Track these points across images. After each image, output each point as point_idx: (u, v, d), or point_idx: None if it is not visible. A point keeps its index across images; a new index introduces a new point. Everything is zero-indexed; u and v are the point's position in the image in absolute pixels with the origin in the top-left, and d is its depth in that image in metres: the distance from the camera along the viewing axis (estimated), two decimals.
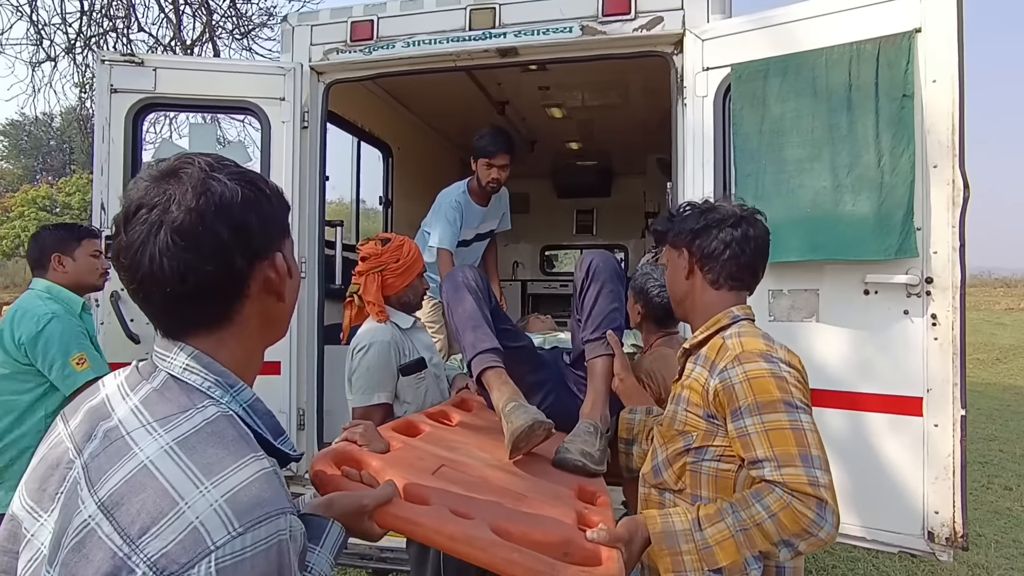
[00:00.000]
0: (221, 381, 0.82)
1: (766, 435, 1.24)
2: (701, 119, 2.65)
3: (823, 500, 1.17)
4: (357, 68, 3.14)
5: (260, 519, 0.69)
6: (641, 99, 4.57)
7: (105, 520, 0.68)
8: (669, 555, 1.23)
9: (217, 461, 0.71)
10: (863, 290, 2.27)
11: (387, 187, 4.77)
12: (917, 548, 2.20)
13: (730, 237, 1.48)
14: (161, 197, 0.78)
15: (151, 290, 0.79)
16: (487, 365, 1.99)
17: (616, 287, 2.16)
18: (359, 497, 1.07)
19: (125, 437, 0.74)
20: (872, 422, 2.27)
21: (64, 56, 5.66)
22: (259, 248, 0.84)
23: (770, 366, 1.31)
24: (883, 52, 2.24)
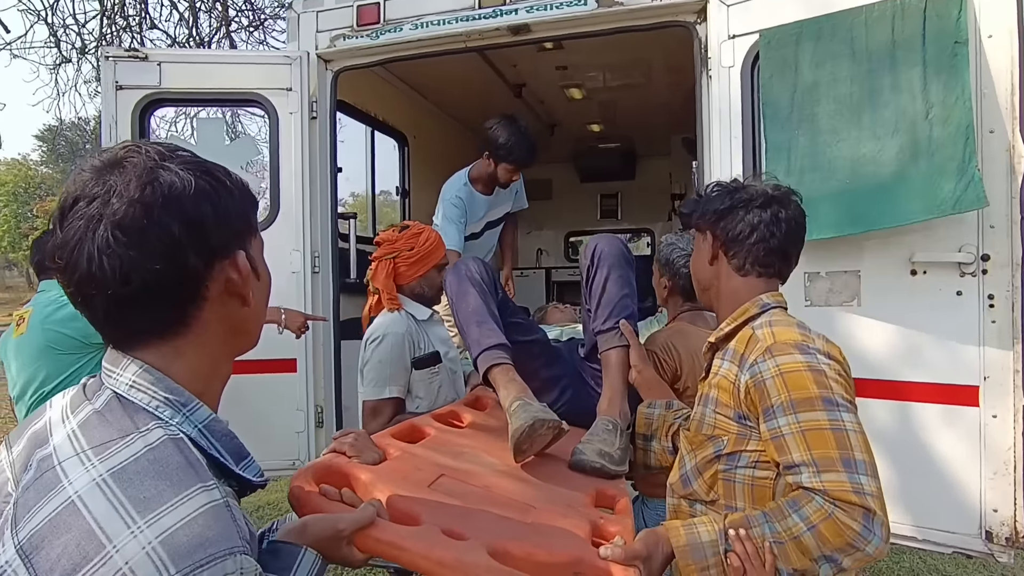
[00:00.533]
0: (172, 399, 0.72)
1: (802, 436, 1.10)
2: (727, 91, 2.47)
3: (870, 510, 1.03)
4: (365, 54, 3.04)
5: (202, 562, 0.59)
6: (664, 77, 4.37)
7: (23, 567, 0.59)
8: (696, 570, 1.10)
9: (156, 495, 0.62)
10: (910, 270, 2.08)
11: (404, 177, 4.67)
12: (973, 549, 2.03)
13: (758, 219, 1.34)
14: (101, 189, 0.68)
15: (91, 294, 0.69)
16: (493, 362, 1.85)
17: (625, 272, 2.01)
18: (335, 521, 0.97)
19: (56, 468, 0.65)
20: (921, 413, 2.09)
21: (79, 57, 5.70)
22: (217, 246, 0.74)
23: (806, 358, 1.17)
24: (931, 5, 2.04)
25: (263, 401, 2.86)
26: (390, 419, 2.05)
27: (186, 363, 0.74)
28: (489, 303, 2.00)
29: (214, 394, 0.80)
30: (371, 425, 2.07)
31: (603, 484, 1.54)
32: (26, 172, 36.35)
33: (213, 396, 0.79)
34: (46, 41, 5.45)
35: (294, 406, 2.91)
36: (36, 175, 37.39)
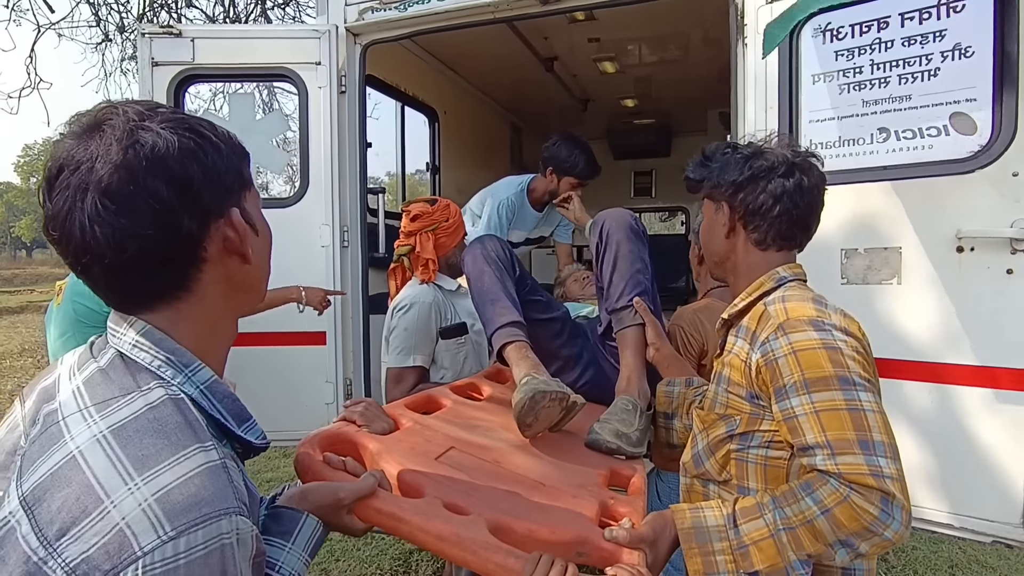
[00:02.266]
0: (173, 360, 0.72)
1: (817, 417, 1.04)
2: (764, 60, 2.37)
3: (888, 493, 0.97)
4: (393, 27, 3.01)
5: (196, 521, 0.60)
6: (701, 50, 4.23)
7: (25, 518, 0.60)
8: (700, 555, 1.06)
9: (154, 453, 0.62)
10: (956, 247, 1.98)
11: (434, 153, 4.65)
12: (1015, 538, 1.94)
13: (781, 189, 1.26)
14: (84, 155, 0.67)
15: (88, 263, 0.69)
16: (507, 340, 1.81)
17: (635, 246, 1.95)
18: (335, 489, 0.97)
19: (60, 423, 0.66)
20: (963, 396, 2.00)
21: (122, 36, 5.82)
22: (210, 205, 0.72)
23: (821, 335, 1.10)
24: None
25: (293, 373, 2.92)
26: (412, 387, 2.07)
27: (189, 324, 0.74)
28: (505, 281, 1.96)
29: (219, 355, 0.79)
30: (393, 392, 2.10)
31: (618, 464, 1.51)
32: None
33: (218, 357, 0.79)
34: (88, 20, 5.60)
35: (323, 378, 2.96)
36: None
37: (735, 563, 1.04)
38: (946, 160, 1.99)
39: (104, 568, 0.57)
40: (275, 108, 6.86)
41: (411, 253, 2.29)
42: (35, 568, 0.57)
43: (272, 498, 0.96)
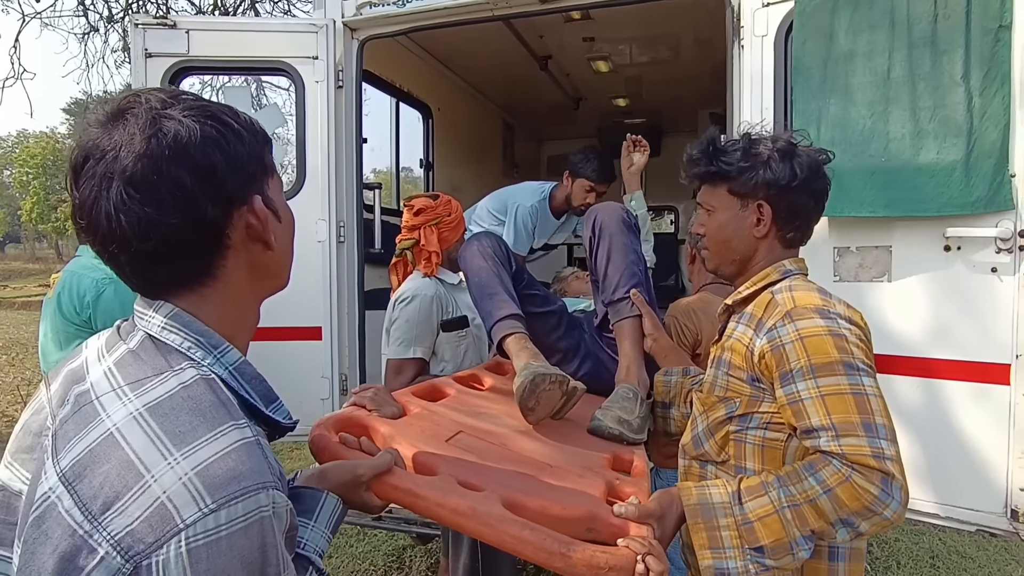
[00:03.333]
0: (203, 341, 0.73)
1: (822, 401, 1.08)
2: (760, 61, 2.42)
3: (889, 474, 1.01)
4: (391, 22, 3.01)
5: (236, 494, 0.61)
6: (692, 51, 4.28)
7: (66, 493, 0.61)
8: (705, 529, 1.10)
9: (190, 430, 0.64)
10: (943, 246, 2.04)
11: (428, 150, 4.66)
12: (998, 527, 2.01)
13: (821, 189, 1.29)
14: (108, 144, 0.67)
15: (115, 251, 0.69)
16: (506, 332, 1.84)
17: (628, 239, 2.00)
18: (354, 467, 0.99)
19: (94, 402, 0.67)
20: (950, 391, 2.07)
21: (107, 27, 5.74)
22: (233, 192, 0.73)
23: (827, 323, 1.13)
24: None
25: (289, 368, 2.92)
26: (412, 379, 2.09)
27: (214, 309, 0.75)
28: (503, 275, 2.00)
29: (242, 340, 0.80)
30: (393, 383, 2.12)
31: (620, 449, 1.54)
32: (54, 145, 36.94)
33: (241, 342, 0.80)
34: (75, 10, 5.50)
35: (319, 373, 2.96)
36: (64, 148, 37.99)
37: (740, 538, 1.07)
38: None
39: (148, 540, 0.58)
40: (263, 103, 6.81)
41: (414, 247, 2.30)
42: (81, 541, 0.58)
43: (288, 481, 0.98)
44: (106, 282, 2.33)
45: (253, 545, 0.62)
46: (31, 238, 42.68)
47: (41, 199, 33.50)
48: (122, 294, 2.34)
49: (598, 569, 0.96)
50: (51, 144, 36.87)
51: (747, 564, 1.06)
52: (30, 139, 38.01)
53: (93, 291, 2.31)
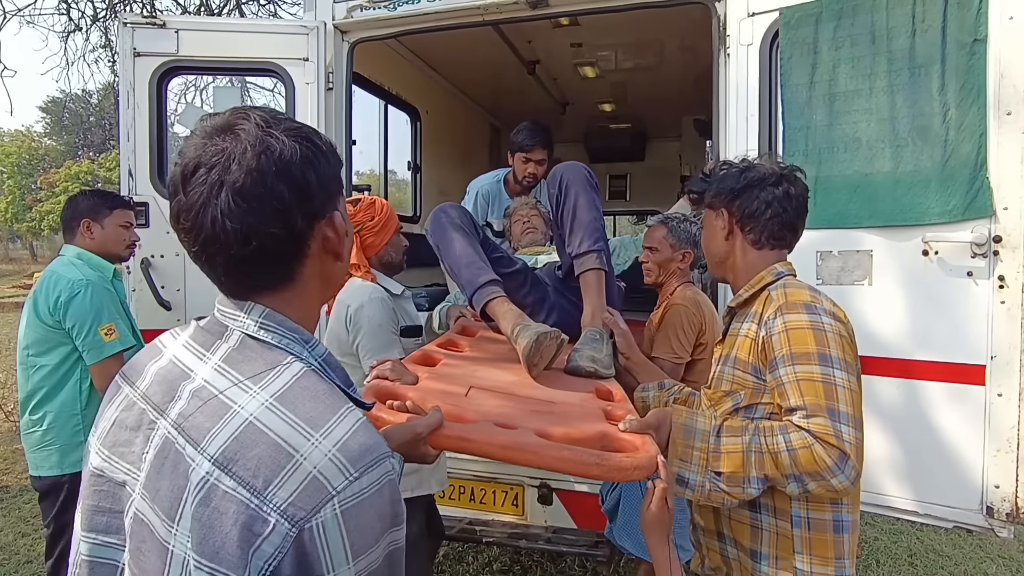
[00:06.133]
0: (297, 337, 0.81)
1: (798, 384, 1.26)
2: (745, 70, 2.48)
3: (845, 453, 1.18)
4: (382, 25, 3.03)
5: (371, 463, 0.72)
6: (677, 57, 4.35)
7: (225, 476, 0.69)
8: (683, 445, 1.31)
9: (318, 415, 0.73)
10: (922, 250, 2.11)
11: (416, 152, 4.67)
12: (974, 524, 2.08)
13: (771, 196, 1.45)
14: (220, 156, 0.74)
15: (214, 253, 0.76)
16: (489, 297, 2.00)
17: (591, 195, 2.15)
18: (413, 426, 1.15)
19: (219, 396, 0.75)
20: (928, 391, 2.13)
21: (91, 24, 5.67)
22: (319, 207, 0.80)
23: (811, 317, 1.30)
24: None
25: None
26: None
27: (293, 311, 0.82)
28: (474, 244, 2.15)
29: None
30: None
31: (598, 383, 1.76)
32: (30, 143, 36.21)
33: None
34: (57, 8, 5.43)
35: None
36: (40, 147, 37.25)
37: (707, 461, 1.29)
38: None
39: (308, 507, 0.68)
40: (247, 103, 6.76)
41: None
42: (255, 512, 0.68)
43: None
44: (82, 284, 2.30)
45: (385, 501, 0.73)
46: (5, 238, 41.76)
47: (16, 199, 32.77)
48: (97, 298, 2.31)
49: (626, 470, 1.18)
50: (27, 143, 36.11)
51: (704, 480, 1.28)
52: (5, 137, 37.23)
53: (67, 292, 2.29)
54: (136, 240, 2.64)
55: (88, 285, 2.32)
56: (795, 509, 1.32)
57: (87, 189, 2.93)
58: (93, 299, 2.31)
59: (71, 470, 2.30)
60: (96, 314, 2.30)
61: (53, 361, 2.32)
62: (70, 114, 38.41)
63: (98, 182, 28.42)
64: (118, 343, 2.31)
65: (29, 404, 2.35)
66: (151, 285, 2.93)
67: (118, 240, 2.55)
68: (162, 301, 2.95)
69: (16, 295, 18.93)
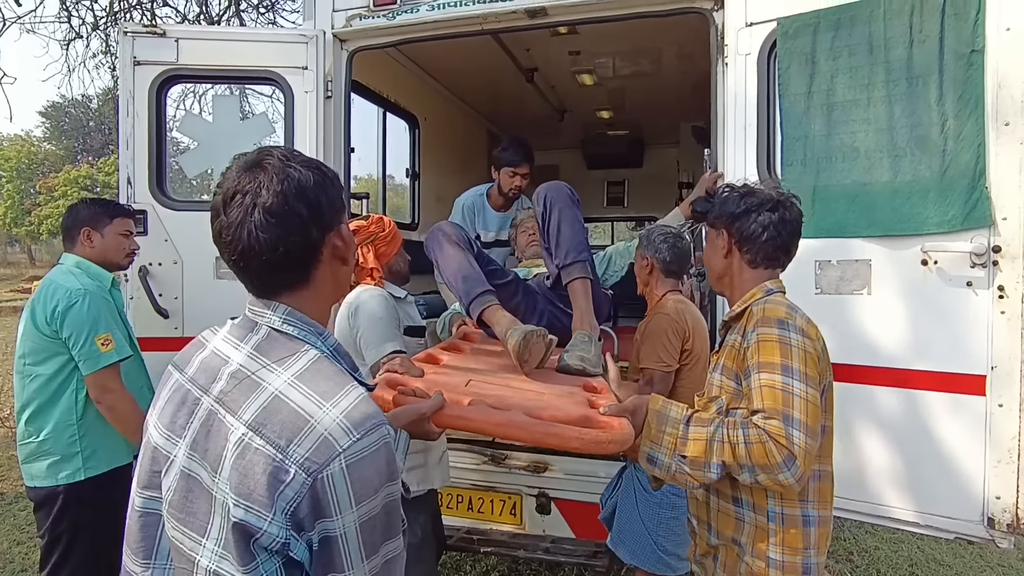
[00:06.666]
0: (313, 330, 1.01)
1: (761, 391, 1.42)
2: (743, 79, 2.48)
3: (793, 455, 1.33)
4: (381, 34, 3.04)
5: (371, 427, 0.90)
6: (675, 65, 4.36)
7: (257, 436, 0.88)
8: (656, 429, 1.48)
9: (329, 389, 0.92)
10: (921, 260, 2.11)
11: (414, 159, 4.67)
12: (975, 535, 2.07)
13: (768, 220, 1.59)
14: (253, 184, 0.95)
15: (250, 259, 0.96)
16: (484, 306, 2.20)
17: (574, 211, 2.38)
18: (418, 407, 1.34)
19: (251, 376, 0.94)
20: (928, 401, 2.12)
21: (91, 33, 5.67)
22: (328, 221, 1.00)
23: (780, 332, 1.46)
24: (949, 0, 2.04)
25: None
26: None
27: (309, 308, 1.02)
28: (469, 257, 2.34)
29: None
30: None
31: (586, 380, 1.94)
32: (29, 148, 36.21)
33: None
34: (58, 16, 5.42)
35: None
36: (39, 151, 37.25)
37: (675, 444, 1.45)
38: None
39: (319, 461, 0.86)
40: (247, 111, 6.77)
41: (355, 267, 2.29)
42: (279, 464, 0.86)
43: None
44: (80, 293, 2.29)
45: (382, 459, 0.90)
46: (3, 242, 41.72)
47: (15, 203, 32.76)
48: (95, 308, 2.29)
49: (602, 443, 1.37)
50: (26, 147, 36.12)
51: (671, 462, 1.45)
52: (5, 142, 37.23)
53: (65, 301, 2.27)
54: (135, 248, 2.63)
55: (86, 295, 2.31)
56: (771, 505, 1.50)
57: (88, 198, 2.93)
58: (91, 309, 2.30)
59: (66, 481, 2.28)
60: (93, 324, 2.29)
61: (49, 371, 2.30)
62: (70, 119, 38.44)
63: (97, 187, 28.44)
64: (114, 353, 2.30)
65: (24, 414, 2.33)
66: (149, 293, 2.92)
67: (118, 248, 2.54)
68: (159, 309, 2.94)
69: (14, 299, 18.88)
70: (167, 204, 2.98)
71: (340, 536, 0.87)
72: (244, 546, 0.87)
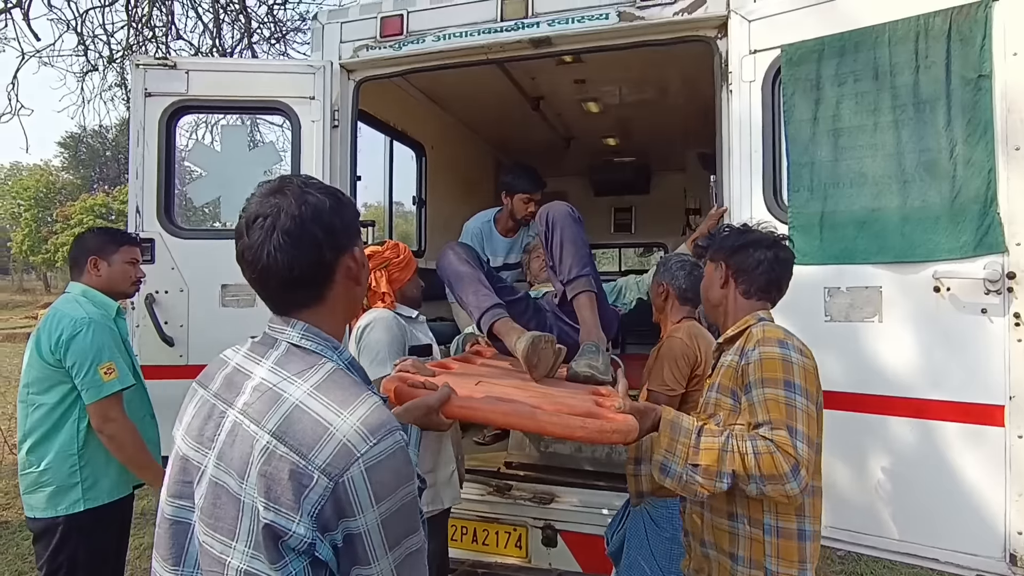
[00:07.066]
0: (329, 344, 1.07)
1: (765, 404, 1.49)
2: (748, 106, 2.48)
3: (799, 464, 1.40)
4: (387, 64, 3.08)
5: (386, 433, 0.95)
6: (681, 91, 4.38)
7: (280, 444, 0.93)
8: (669, 438, 1.53)
9: (345, 399, 0.97)
10: (933, 287, 2.07)
11: (421, 187, 4.70)
12: (996, 572, 1.98)
13: (764, 256, 1.72)
14: (273, 208, 1.01)
15: (268, 278, 1.03)
16: (495, 319, 2.30)
17: (576, 229, 2.47)
18: (427, 400, 1.38)
19: (273, 388, 0.99)
20: (943, 432, 2.06)
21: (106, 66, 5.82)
22: (343, 244, 1.06)
23: (782, 351, 1.55)
24: (955, 25, 2.04)
25: None
26: None
27: (324, 325, 1.07)
28: (479, 275, 2.45)
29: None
30: None
31: (595, 387, 1.99)
32: (47, 178, 36.95)
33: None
34: (75, 49, 5.57)
35: None
36: (57, 180, 37.99)
37: (687, 453, 1.50)
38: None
39: (340, 466, 0.91)
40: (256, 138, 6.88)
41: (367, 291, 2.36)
42: (303, 470, 0.91)
43: None
44: (84, 322, 2.29)
45: (398, 462, 0.95)
46: (19, 269, 42.32)
47: (32, 231, 33.31)
48: (99, 337, 2.29)
49: (606, 432, 1.42)
50: (44, 176, 36.87)
51: (684, 471, 1.50)
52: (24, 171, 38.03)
53: (69, 330, 2.27)
54: (142, 277, 2.64)
55: (90, 323, 2.30)
56: (767, 519, 1.56)
57: (95, 227, 2.96)
58: (95, 338, 2.29)
59: (65, 512, 2.25)
60: (97, 353, 2.28)
61: (52, 400, 2.29)
62: (87, 149, 39.28)
63: (112, 214, 28.86)
64: (116, 382, 2.29)
65: (26, 443, 2.32)
66: (154, 320, 2.92)
67: (124, 277, 2.54)
68: (165, 336, 2.93)
69: (28, 326, 19.09)
70: (174, 232, 3.00)
71: (364, 532, 0.92)
72: (273, 546, 0.92)
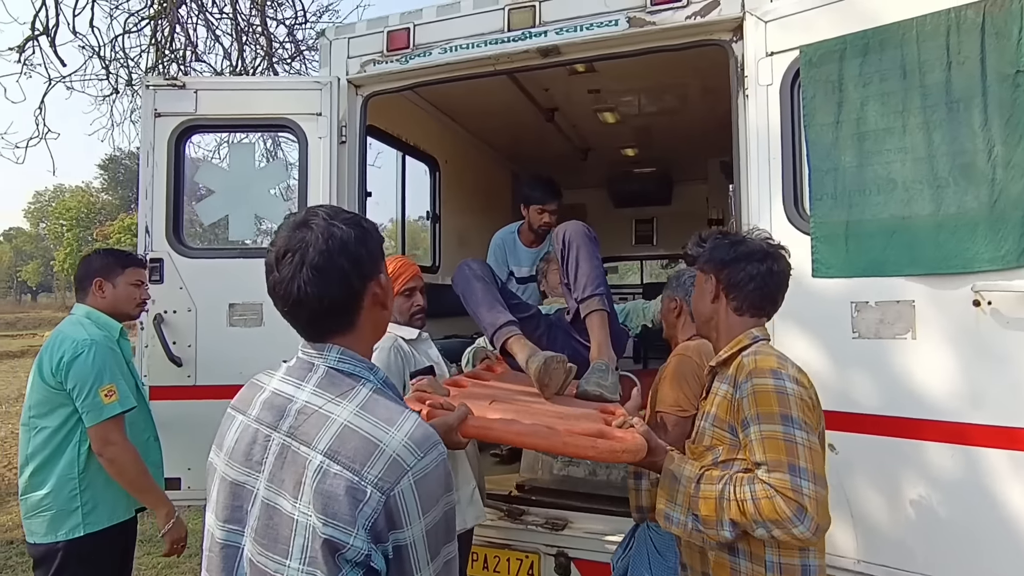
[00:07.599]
0: (365, 366, 1.12)
1: (762, 442, 1.42)
2: (766, 111, 2.36)
3: (804, 507, 1.34)
4: (395, 78, 3.04)
5: (431, 446, 1.01)
6: (700, 99, 4.27)
7: (333, 463, 0.98)
8: (669, 487, 1.53)
9: (390, 416, 1.02)
10: (972, 300, 1.90)
11: (435, 202, 4.66)
12: None
13: (756, 271, 1.62)
14: (300, 243, 1.06)
15: (300, 310, 1.08)
16: (508, 335, 2.34)
17: (592, 248, 2.51)
18: (445, 419, 1.47)
19: (319, 411, 1.04)
20: (985, 459, 1.89)
21: (127, 88, 5.95)
22: (368, 272, 1.11)
23: (776, 382, 1.46)
24: (989, 18, 1.89)
25: None
26: None
27: (356, 348, 1.13)
28: (493, 291, 2.49)
29: None
30: None
31: (604, 405, 2.02)
32: (88, 199, 38.31)
33: None
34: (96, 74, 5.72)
35: None
36: (97, 201, 39.37)
37: (688, 503, 1.49)
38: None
39: (391, 480, 0.96)
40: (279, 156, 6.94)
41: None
42: (356, 485, 0.96)
43: None
44: (86, 344, 2.26)
45: (442, 472, 1.02)
46: (62, 288, 43.79)
47: (74, 250, 34.50)
48: (100, 359, 2.26)
49: (616, 452, 1.48)
50: (85, 197, 38.22)
51: (686, 520, 1.49)
52: (66, 193, 39.47)
53: (71, 352, 2.24)
54: (147, 298, 2.62)
55: (92, 345, 2.28)
56: (768, 555, 1.47)
57: (102, 248, 2.97)
58: (96, 359, 2.27)
59: (66, 537, 2.22)
60: (98, 375, 2.25)
61: (54, 423, 2.27)
62: (125, 170, 40.61)
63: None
64: (117, 405, 2.25)
65: (28, 467, 2.29)
66: (163, 341, 2.90)
67: (129, 299, 2.52)
68: (173, 357, 2.91)
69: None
70: (183, 252, 2.99)
71: (410, 544, 0.97)
72: (331, 560, 0.96)
